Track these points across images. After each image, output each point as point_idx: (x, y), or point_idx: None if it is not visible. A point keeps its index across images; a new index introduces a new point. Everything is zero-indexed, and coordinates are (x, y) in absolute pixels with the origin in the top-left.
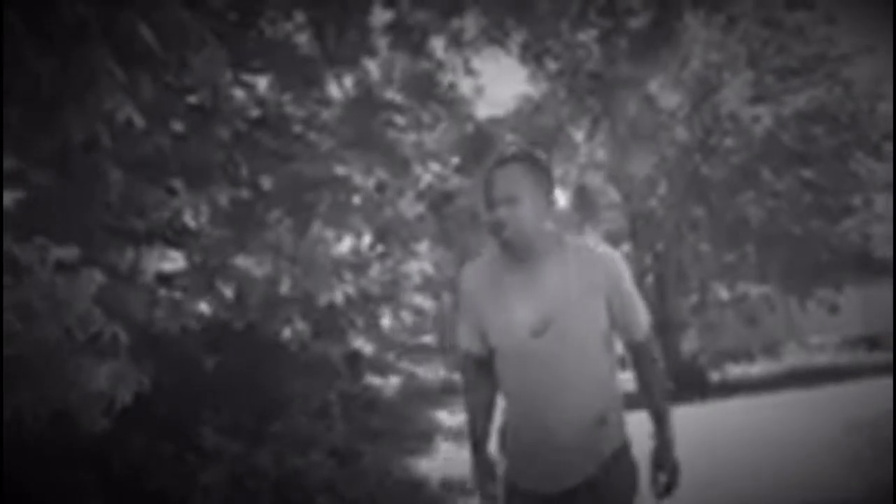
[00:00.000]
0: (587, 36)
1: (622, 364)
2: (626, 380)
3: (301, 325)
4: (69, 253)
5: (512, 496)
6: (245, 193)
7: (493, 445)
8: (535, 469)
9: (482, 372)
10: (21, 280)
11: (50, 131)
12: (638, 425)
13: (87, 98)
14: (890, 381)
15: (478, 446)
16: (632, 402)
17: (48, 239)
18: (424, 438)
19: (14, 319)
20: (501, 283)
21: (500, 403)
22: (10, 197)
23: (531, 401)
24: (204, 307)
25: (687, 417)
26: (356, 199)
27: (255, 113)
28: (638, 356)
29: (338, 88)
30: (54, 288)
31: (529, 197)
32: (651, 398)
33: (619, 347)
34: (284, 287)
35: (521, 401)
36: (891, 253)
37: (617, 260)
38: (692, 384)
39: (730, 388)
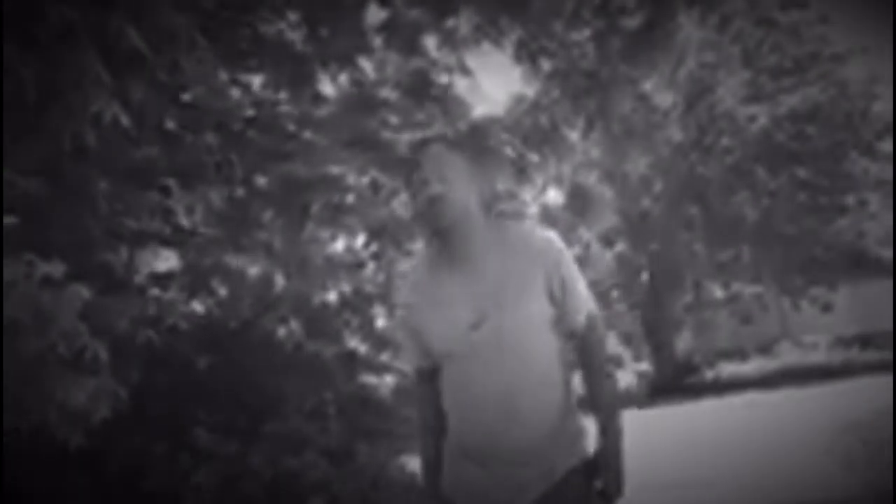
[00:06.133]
0: (581, 35)
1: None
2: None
3: (295, 325)
4: (56, 268)
5: None
6: (239, 192)
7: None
8: (480, 486)
9: (432, 390)
10: (5, 295)
11: (36, 135)
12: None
13: (72, 99)
14: (883, 380)
15: (430, 479)
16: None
17: (39, 247)
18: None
19: None
20: (439, 281)
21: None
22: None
23: (477, 404)
24: (198, 306)
25: (681, 416)
26: (350, 199)
27: (248, 111)
28: (577, 346)
29: (332, 87)
30: (40, 303)
31: (459, 179)
32: (592, 394)
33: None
34: (278, 286)
35: (467, 406)
36: (883, 252)
37: (553, 242)
38: (686, 383)
39: (723, 387)
